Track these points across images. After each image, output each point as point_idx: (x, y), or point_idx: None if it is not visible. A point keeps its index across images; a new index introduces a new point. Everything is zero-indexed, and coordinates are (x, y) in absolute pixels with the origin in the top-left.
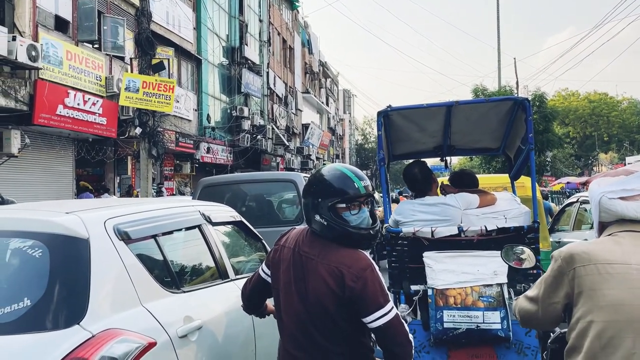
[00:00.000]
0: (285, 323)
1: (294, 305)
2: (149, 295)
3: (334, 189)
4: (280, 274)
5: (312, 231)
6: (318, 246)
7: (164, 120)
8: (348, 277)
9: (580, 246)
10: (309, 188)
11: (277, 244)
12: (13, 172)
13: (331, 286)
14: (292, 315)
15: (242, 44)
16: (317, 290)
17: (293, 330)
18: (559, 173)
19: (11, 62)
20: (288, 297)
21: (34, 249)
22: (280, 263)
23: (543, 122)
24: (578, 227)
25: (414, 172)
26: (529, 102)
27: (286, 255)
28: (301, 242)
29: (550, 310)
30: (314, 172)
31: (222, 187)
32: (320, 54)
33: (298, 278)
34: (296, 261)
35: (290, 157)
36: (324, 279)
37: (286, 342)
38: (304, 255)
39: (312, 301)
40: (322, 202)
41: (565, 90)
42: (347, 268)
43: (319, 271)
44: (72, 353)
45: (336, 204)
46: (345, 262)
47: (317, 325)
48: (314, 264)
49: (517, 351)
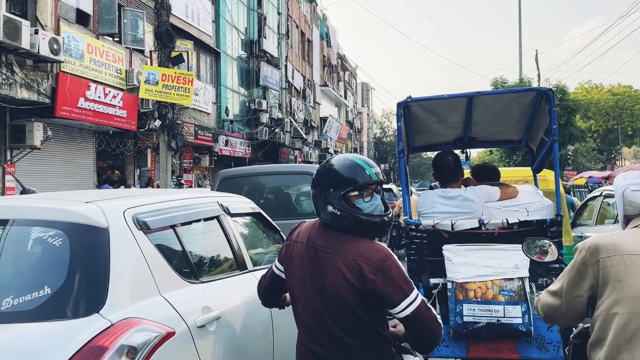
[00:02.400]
0: (303, 318)
1: (311, 300)
2: (167, 285)
3: (345, 177)
4: (295, 269)
5: (324, 224)
6: (332, 239)
7: (183, 113)
8: (367, 270)
9: (605, 237)
10: (319, 179)
11: (289, 239)
12: (35, 164)
13: (349, 279)
14: (309, 310)
15: (261, 37)
16: (334, 284)
17: (311, 325)
18: (581, 167)
19: (33, 55)
20: (304, 292)
21: (54, 238)
22: (294, 258)
23: (565, 115)
24: (601, 221)
25: (447, 159)
26: (553, 93)
27: (299, 250)
28: (314, 235)
29: (574, 303)
30: (322, 164)
31: (241, 179)
32: (339, 46)
33: (314, 272)
34: (311, 255)
35: (308, 151)
36: (342, 272)
37: (304, 337)
38: (318, 249)
39: (329, 295)
40: (334, 192)
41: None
42: (365, 261)
43: (336, 264)
44: (92, 341)
45: (348, 193)
46: (363, 254)
47: (335, 319)
48: (330, 258)
49: (539, 346)
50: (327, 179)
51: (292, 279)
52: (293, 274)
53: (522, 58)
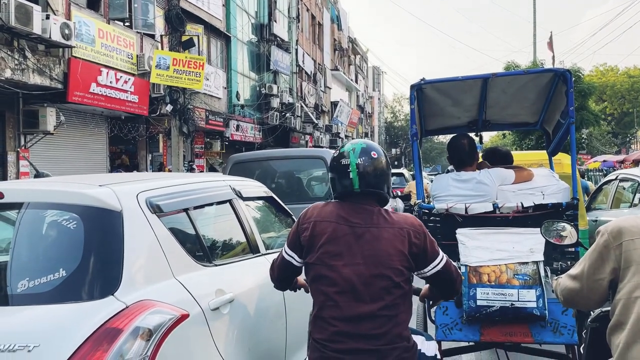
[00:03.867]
0: (329, 294)
1: (345, 275)
2: (181, 267)
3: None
4: (321, 248)
5: (353, 203)
6: (368, 215)
7: (194, 98)
8: (413, 236)
9: (629, 220)
10: (383, 159)
11: (306, 222)
12: (49, 149)
13: (399, 247)
14: (340, 285)
15: (271, 21)
16: (383, 253)
17: (339, 300)
18: (595, 151)
19: (45, 40)
20: (335, 269)
21: (68, 221)
22: (318, 238)
23: (579, 98)
24: (616, 205)
25: (462, 142)
26: (571, 74)
27: (326, 229)
28: (345, 214)
29: (595, 287)
30: (374, 147)
31: (252, 164)
32: (350, 30)
33: (353, 248)
34: (346, 232)
35: (319, 135)
36: (391, 242)
37: (329, 312)
38: (356, 225)
39: (377, 264)
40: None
41: (604, 65)
42: (409, 227)
43: (382, 236)
44: (107, 323)
45: None
46: (407, 222)
47: (371, 290)
48: (374, 232)
49: (553, 330)
50: (387, 160)
51: (317, 258)
52: (318, 252)
53: (536, 40)
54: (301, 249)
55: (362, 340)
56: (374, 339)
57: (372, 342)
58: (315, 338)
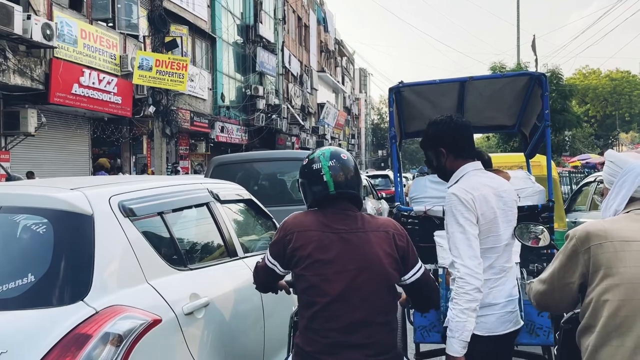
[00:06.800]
0: (321, 303)
1: (336, 283)
2: (154, 272)
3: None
4: (308, 258)
5: (333, 210)
6: (352, 220)
7: (179, 99)
8: (398, 239)
9: (596, 224)
10: (356, 170)
11: (289, 232)
12: (30, 150)
13: (387, 249)
14: (331, 293)
15: (257, 22)
16: (373, 257)
17: (332, 307)
18: (578, 153)
19: (26, 41)
20: (325, 278)
21: (38, 225)
22: (303, 249)
23: (560, 99)
24: (595, 207)
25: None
26: (546, 78)
27: (312, 239)
28: (328, 222)
29: (565, 291)
30: (347, 157)
31: (235, 166)
32: (336, 32)
33: (341, 255)
34: (332, 240)
35: (305, 137)
36: (379, 245)
37: (319, 322)
38: (342, 232)
39: (368, 269)
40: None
41: (586, 67)
42: (393, 229)
43: (370, 240)
44: (76, 329)
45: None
46: (389, 225)
47: (364, 296)
48: (362, 237)
49: (529, 331)
50: (356, 163)
51: (306, 269)
52: (306, 263)
53: (520, 43)
54: (285, 260)
55: (355, 351)
56: (367, 348)
57: (366, 352)
58: (306, 350)
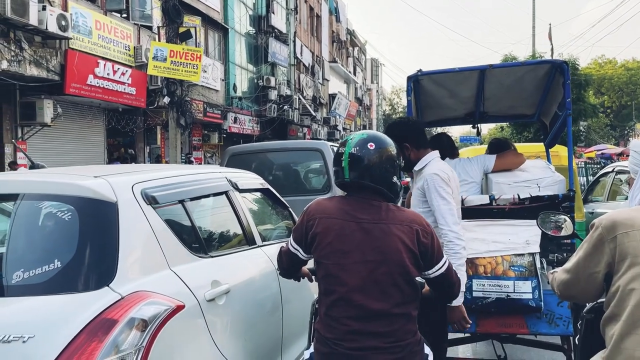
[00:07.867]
0: (340, 292)
1: (355, 273)
2: (177, 259)
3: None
4: (328, 246)
5: (357, 197)
6: (375, 211)
7: (192, 90)
8: (422, 235)
9: (622, 213)
10: (389, 150)
11: (311, 218)
12: (46, 141)
13: (407, 243)
14: (350, 283)
15: (269, 13)
16: (393, 250)
17: (351, 297)
18: (593, 143)
19: (42, 31)
20: (345, 267)
21: (63, 212)
22: (323, 235)
23: (576, 90)
24: (613, 197)
25: (442, 137)
26: (567, 65)
27: (333, 226)
28: (351, 210)
29: (591, 280)
30: (381, 138)
31: (249, 156)
32: (348, 22)
33: (361, 245)
34: (353, 229)
35: (317, 128)
36: (400, 238)
37: (338, 311)
38: (364, 222)
39: (387, 261)
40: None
41: (602, 57)
42: (418, 225)
43: (392, 232)
44: (102, 314)
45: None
46: (415, 220)
47: (383, 287)
48: (383, 228)
49: (549, 321)
50: (390, 155)
51: (325, 257)
52: (325, 251)
53: (535, 32)
54: (307, 245)
55: (374, 338)
56: (386, 337)
57: (385, 340)
58: (326, 337)
